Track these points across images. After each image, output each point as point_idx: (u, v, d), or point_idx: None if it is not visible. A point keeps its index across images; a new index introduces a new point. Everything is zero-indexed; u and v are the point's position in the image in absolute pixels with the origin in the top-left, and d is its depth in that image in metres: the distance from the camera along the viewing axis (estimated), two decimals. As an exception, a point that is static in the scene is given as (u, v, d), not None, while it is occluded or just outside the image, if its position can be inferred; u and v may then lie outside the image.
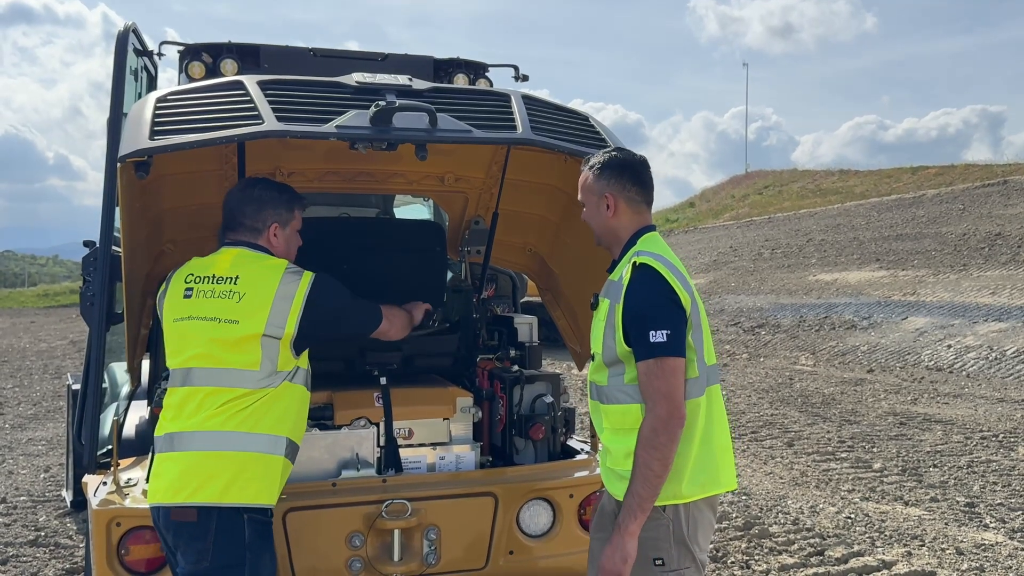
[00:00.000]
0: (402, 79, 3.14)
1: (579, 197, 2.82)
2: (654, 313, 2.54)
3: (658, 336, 2.51)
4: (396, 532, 3.16)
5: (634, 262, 2.63)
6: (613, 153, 2.80)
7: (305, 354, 2.95)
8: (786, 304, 19.99)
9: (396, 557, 3.17)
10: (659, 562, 2.61)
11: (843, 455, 8.23)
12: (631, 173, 2.77)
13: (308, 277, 2.89)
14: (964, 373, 13.30)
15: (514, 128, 3.04)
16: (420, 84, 3.13)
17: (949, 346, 14.57)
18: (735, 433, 9.26)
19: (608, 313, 2.66)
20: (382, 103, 2.85)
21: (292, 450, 2.88)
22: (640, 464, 2.52)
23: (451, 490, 3.31)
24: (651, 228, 2.78)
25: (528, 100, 3.20)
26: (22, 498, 6.83)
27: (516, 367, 3.78)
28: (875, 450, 8.42)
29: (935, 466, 7.77)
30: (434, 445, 3.49)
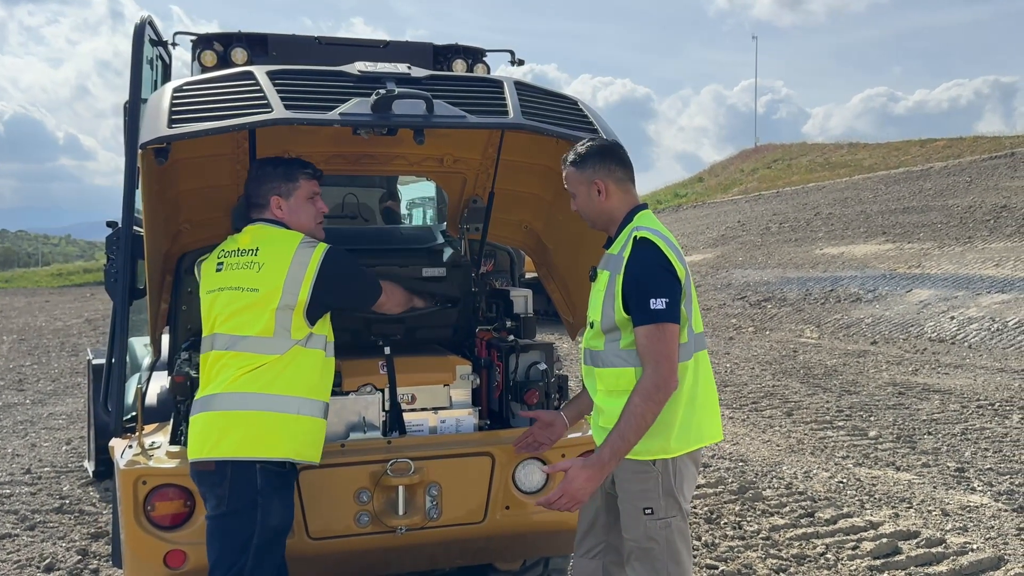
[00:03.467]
0: (401, 67, 3.34)
1: (567, 189, 3.04)
2: (654, 283, 2.78)
3: (658, 304, 2.75)
4: (400, 488, 3.40)
5: (634, 236, 2.86)
6: (588, 143, 3.01)
7: (324, 321, 3.17)
8: (792, 278, 20.14)
9: (401, 511, 3.42)
10: (648, 511, 2.87)
11: (840, 424, 8.44)
12: (612, 155, 2.99)
13: (321, 248, 3.12)
14: (966, 344, 13.46)
15: (506, 113, 3.24)
16: (418, 72, 3.33)
17: (952, 318, 14.72)
18: (736, 403, 9.49)
19: (608, 284, 2.89)
20: (382, 91, 3.06)
21: (313, 408, 3.08)
22: (636, 414, 2.75)
23: (451, 450, 3.53)
24: (643, 206, 3.01)
25: (520, 86, 3.41)
26: (46, 469, 7.13)
27: (512, 337, 4.00)
28: (872, 419, 8.63)
29: (929, 433, 7.97)
30: (435, 409, 3.72)
